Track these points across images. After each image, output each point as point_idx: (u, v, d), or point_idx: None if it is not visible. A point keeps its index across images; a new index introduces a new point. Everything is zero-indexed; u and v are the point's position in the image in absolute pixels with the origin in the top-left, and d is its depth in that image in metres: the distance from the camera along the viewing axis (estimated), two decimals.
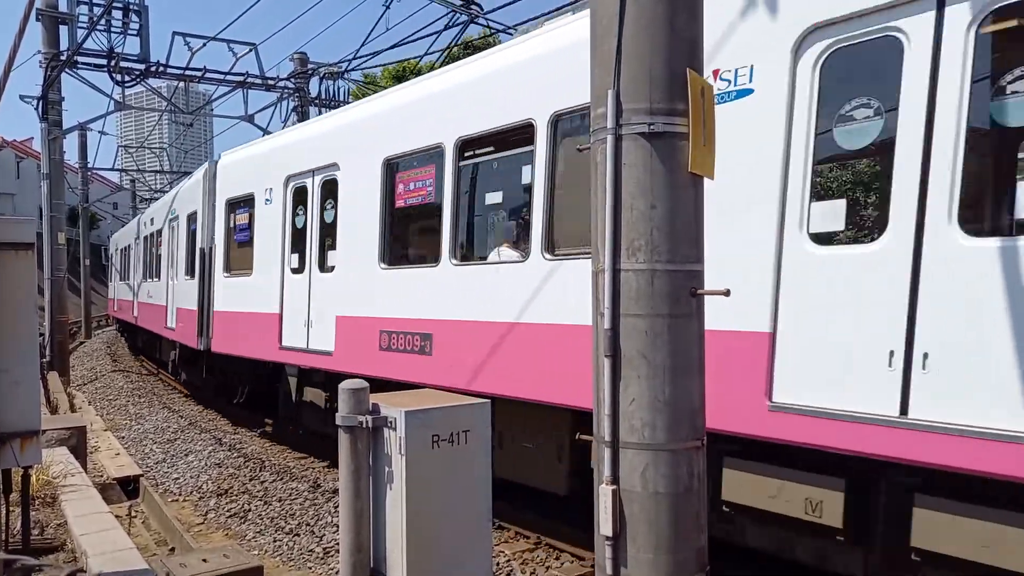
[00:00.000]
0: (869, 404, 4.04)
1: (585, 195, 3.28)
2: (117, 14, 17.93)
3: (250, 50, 20.38)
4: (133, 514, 8.01)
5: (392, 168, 8.02)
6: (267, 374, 11.76)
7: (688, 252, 2.98)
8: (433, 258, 7.37)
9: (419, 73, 22.71)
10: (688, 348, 2.97)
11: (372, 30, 13.41)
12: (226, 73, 20.30)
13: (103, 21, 17.61)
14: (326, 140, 9.24)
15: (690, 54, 2.97)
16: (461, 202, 7.14)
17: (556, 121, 6.07)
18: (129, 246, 25.31)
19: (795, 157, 4.48)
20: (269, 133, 21.54)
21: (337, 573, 6.32)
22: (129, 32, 18.17)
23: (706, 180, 3.06)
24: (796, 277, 4.40)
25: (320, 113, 21.27)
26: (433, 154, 7.41)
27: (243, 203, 11.37)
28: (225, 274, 11.99)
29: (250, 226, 11.15)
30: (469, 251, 7.26)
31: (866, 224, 4.32)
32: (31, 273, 4.32)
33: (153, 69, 18.81)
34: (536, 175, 6.22)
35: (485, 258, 6.95)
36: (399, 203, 7.99)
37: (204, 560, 6.00)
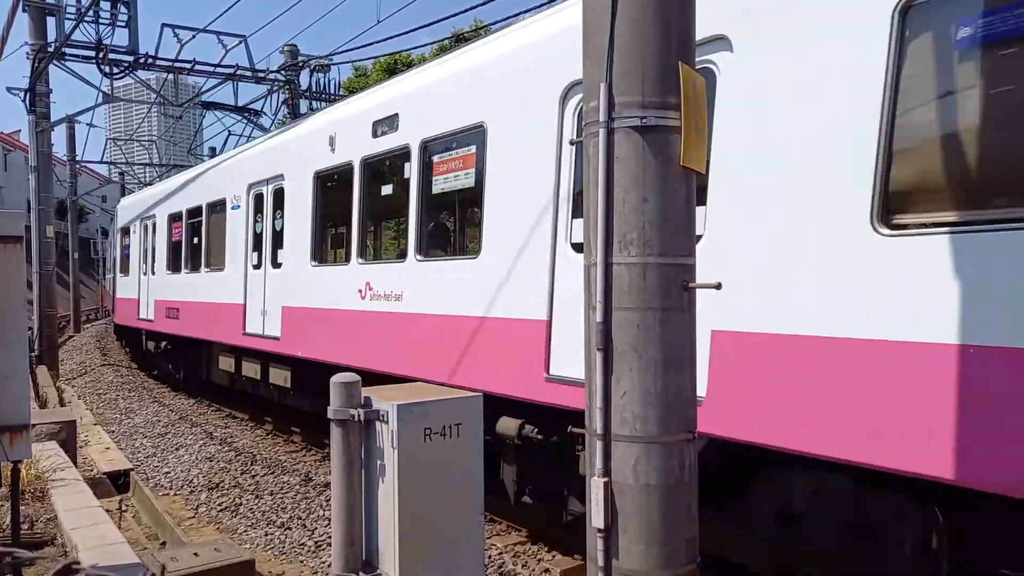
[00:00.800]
0: None
1: None
2: (105, 5, 17.78)
3: (240, 42, 20.26)
4: (124, 508, 7.98)
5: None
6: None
7: (680, 245, 2.98)
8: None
9: (411, 65, 22.62)
10: (679, 341, 2.98)
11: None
12: (216, 65, 20.18)
13: (91, 12, 17.46)
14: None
15: (682, 47, 2.97)
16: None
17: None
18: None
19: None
20: (261, 127, 21.45)
21: (329, 566, 6.33)
22: (117, 24, 18.02)
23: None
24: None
25: (312, 106, 21.18)
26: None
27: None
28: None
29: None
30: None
31: None
32: (20, 267, 4.29)
33: (142, 61, 18.68)
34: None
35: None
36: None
37: (195, 554, 5.99)
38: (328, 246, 10.20)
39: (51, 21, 17.65)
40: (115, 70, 18.50)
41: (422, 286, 7.35)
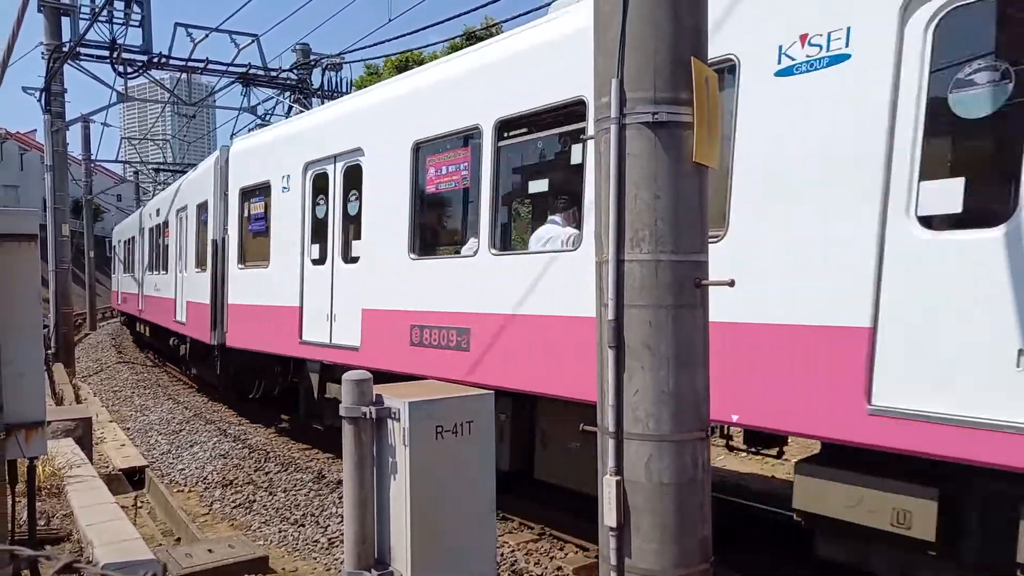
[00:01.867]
0: None
1: None
2: (119, 5, 17.92)
3: (252, 41, 20.35)
4: (139, 505, 8.04)
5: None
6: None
7: (692, 242, 2.96)
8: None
9: (422, 63, 22.63)
10: (692, 339, 2.96)
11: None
12: (228, 64, 20.28)
13: (105, 12, 17.59)
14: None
15: (694, 42, 2.94)
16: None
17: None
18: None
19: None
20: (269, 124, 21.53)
21: (342, 563, 6.35)
22: (131, 23, 18.15)
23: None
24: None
25: (323, 104, 21.24)
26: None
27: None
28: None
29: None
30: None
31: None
32: (35, 265, 4.31)
33: (155, 60, 18.80)
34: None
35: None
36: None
37: (210, 550, 6.04)
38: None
39: (66, 21, 17.78)
40: (129, 70, 18.64)
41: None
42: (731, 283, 3.07)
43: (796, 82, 4.44)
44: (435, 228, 8.15)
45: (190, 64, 19.66)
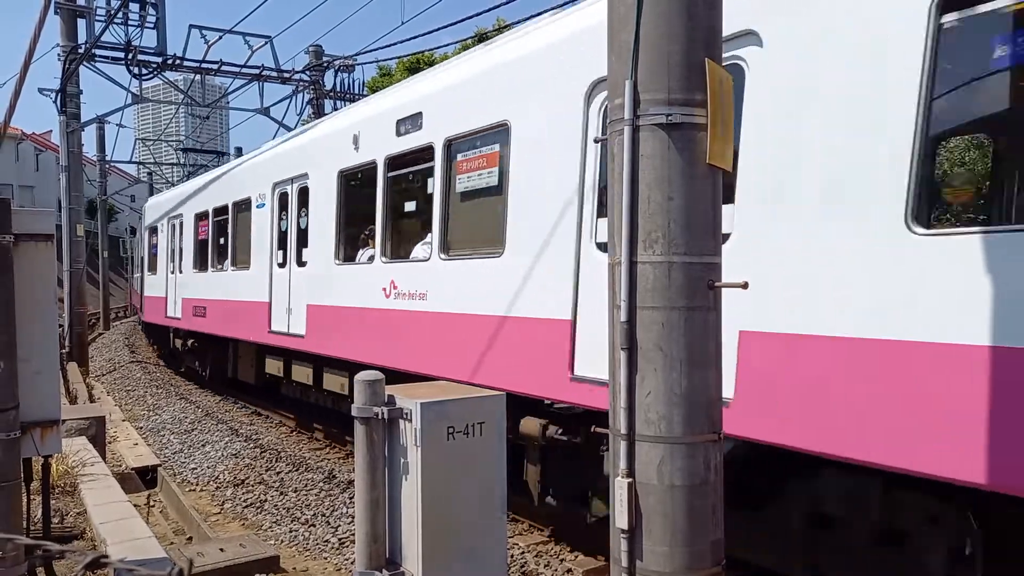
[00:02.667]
0: None
1: None
2: (134, 7, 18.06)
3: (266, 43, 20.46)
4: (151, 503, 8.09)
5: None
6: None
7: (705, 244, 2.95)
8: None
9: (433, 64, 22.66)
10: (705, 341, 2.95)
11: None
12: (242, 66, 20.39)
13: (120, 14, 17.72)
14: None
15: (709, 43, 2.93)
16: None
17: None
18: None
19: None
20: (285, 126, 21.64)
21: (353, 563, 6.36)
22: (146, 25, 18.29)
23: None
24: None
25: (336, 105, 21.33)
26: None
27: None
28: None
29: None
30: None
31: None
32: (51, 264, 4.35)
33: (170, 62, 18.93)
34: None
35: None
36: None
37: (221, 549, 6.07)
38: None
39: (81, 23, 17.95)
40: (144, 71, 18.78)
41: None
42: (744, 285, 3.06)
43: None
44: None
45: (204, 65, 19.80)
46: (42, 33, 5.94)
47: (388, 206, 8.38)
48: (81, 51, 17.62)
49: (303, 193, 10.55)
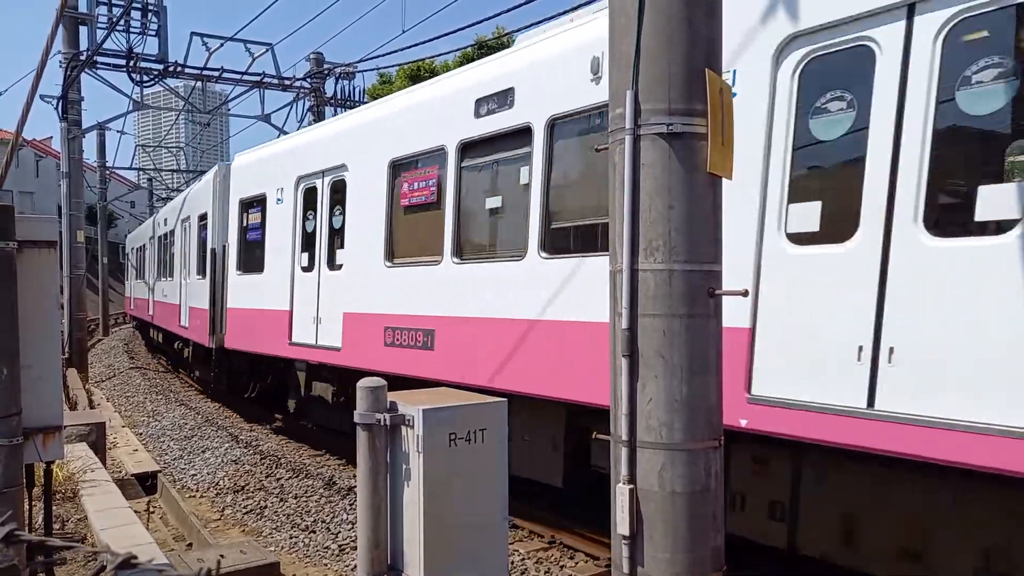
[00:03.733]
0: None
1: None
2: (136, 14, 18.13)
3: (267, 50, 20.53)
4: (152, 510, 8.09)
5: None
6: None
7: (706, 252, 2.98)
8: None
9: (434, 73, 22.73)
10: (705, 348, 2.98)
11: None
12: (243, 73, 20.45)
13: (122, 21, 17.79)
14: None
15: (709, 53, 2.97)
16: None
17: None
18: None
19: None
20: (285, 133, 21.68)
21: (353, 570, 6.36)
22: (148, 32, 18.36)
23: None
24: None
25: (336, 113, 21.38)
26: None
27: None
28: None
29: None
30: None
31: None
32: (53, 271, 4.36)
33: (171, 69, 18.99)
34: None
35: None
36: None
37: (222, 556, 6.06)
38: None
39: (83, 30, 18.01)
40: (145, 78, 18.84)
41: None
42: (745, 293, 3.09)
43: None
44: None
45: (205, 72, 19.85)
46: (43, 40, 5.98)
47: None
48: (83, 58, 17.67)
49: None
